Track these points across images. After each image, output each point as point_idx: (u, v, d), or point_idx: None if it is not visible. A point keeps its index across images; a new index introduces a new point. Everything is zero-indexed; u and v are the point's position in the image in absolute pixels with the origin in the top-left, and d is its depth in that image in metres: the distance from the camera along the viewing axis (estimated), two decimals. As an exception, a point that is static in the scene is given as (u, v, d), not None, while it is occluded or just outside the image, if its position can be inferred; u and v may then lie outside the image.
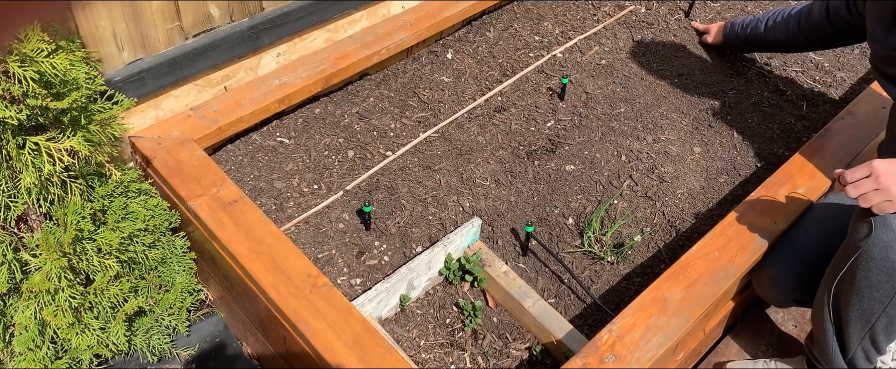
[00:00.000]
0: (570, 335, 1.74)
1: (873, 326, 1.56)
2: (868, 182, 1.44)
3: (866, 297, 1.53)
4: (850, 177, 1.47)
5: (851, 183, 1.47)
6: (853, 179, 1.47)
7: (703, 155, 2.23)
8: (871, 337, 1.59)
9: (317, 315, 1.53)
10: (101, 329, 1.54)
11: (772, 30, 2.35)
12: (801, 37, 2.27)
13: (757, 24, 2.39)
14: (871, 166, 1.44)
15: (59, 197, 1.45)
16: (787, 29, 2.30)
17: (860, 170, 1.46)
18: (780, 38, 2.34)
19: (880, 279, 1.49)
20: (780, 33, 2.33)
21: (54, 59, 1.34)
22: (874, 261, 1.48)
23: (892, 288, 1.49)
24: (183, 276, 1.73)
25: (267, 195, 2.00)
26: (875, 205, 1.45)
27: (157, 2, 1.79)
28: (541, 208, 2.05)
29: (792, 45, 2.36)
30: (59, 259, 1.42)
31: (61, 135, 1.41)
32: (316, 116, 2.24)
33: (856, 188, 1.46)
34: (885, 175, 1.43)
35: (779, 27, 2.32)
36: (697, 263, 1.71)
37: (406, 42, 2.34)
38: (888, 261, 1.46)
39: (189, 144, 1.88)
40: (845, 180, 1.48)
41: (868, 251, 1.48)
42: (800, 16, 2.25)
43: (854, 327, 1.59)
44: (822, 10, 2.14)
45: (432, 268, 1.86)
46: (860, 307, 1.55)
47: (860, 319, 1.57)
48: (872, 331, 1.57)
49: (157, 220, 1.65)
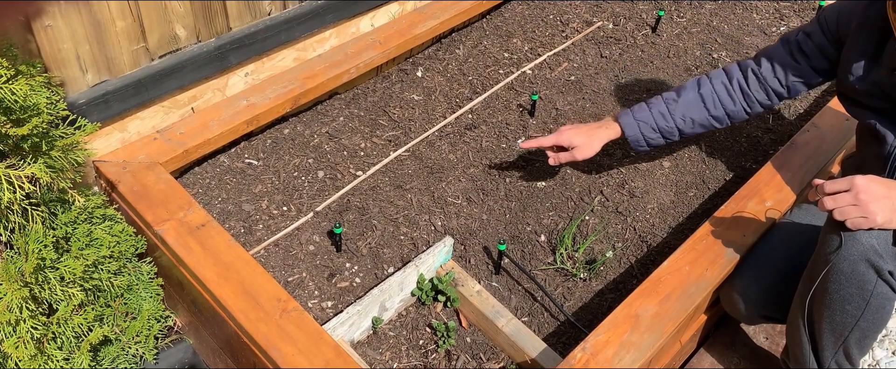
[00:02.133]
0: (544, 353, 1.73)
1: (846, 339, 1.57)
2: (847, 196, 1.45)
3: (838, 311, 1.53)
4: (830, 188, 1.47)
5: (829, 194, 1.47)
6: (832, 191, 1.47)
7: (672, 169, 2.25)
8: (845, 351, 1.60)
9: (287, 340, 1.51)
10: (65, 359, 1.50)
11: (722, 109, 1.94)
12: (754, 108, 1.95)
13: (694, 110, 1.94)
14: (853, 181, 1.45)
15: (20, 225, 1.42)
16: (746, 99, 1.94)
17: (841, 183, 1.47)
18: (735, 114, 1.96)
19: (851, 292, 1.50)
20: (735, 108, 1.95)
21: (14, 84, 1.31)
22: (844, 275, 1.49)
23: (862, 301, 1.50)
24: (150, 303, 1.70)
25: (235, 218, 1.98)
26: (850, 220, 1.45)
27: (121, 22, 1.76)
28: (513, 226, 2.05)
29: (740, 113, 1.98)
30: (21, 289, 1.38)
31: (22, 162, 1.37)
32: (285, 137, 2.22)
33: (834, 200, 1.46)
34: (865, 192, 1.43)
35: (732, 100, 1.94)
36: (669, 278, 1.72)
37: (375, 60, 2.33)
38: (858, 273, 1.47)
39: (155, 168, 1.85)
40: (824, 191, 1.48)
41: (837, 264, 1.49)
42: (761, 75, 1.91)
43: (827, 340, 1.60)
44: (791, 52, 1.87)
45: (404, 288, 1.84)
46: (832, 320, 1.56)
47: (833, 333, 1.58)
48: (845, 345, 1.58)
49: (123, 247, 1.62)
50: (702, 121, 1.96)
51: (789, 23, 2.88)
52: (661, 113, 1.95)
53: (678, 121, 1.95)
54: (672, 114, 1.95)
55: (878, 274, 1.47)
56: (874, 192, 1.44)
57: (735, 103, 1.94)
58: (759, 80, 1.91)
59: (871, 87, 1.68)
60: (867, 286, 1.48)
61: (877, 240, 1.46)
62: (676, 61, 2.67)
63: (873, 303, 1.50)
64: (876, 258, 1.45)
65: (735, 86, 1.93)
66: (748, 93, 1.92)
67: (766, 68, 1.91)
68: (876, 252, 1.45)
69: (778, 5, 2.97)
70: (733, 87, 1.94)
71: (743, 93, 1.93)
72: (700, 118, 1.95)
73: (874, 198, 1.43)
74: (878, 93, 1.67)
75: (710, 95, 1.94)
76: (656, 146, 2.01)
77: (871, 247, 1.45)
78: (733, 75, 1.94)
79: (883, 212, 1.43)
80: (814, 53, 1.84)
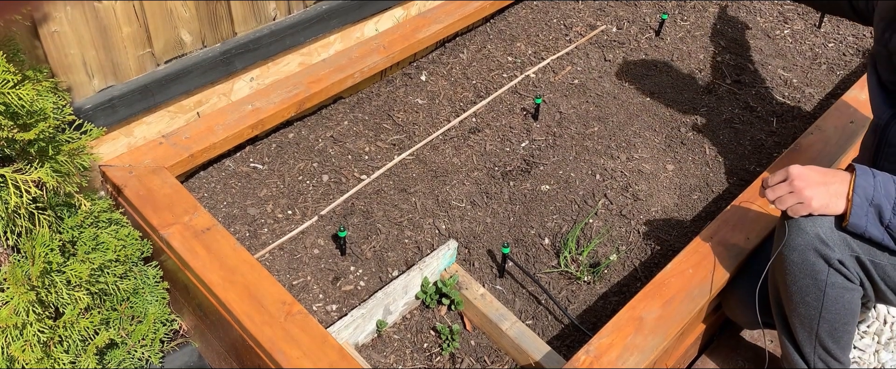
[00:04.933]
0: (548, 356, 1.73)
1: (817, 332, 1.57)
2: (784, 185, 1.47)
3: (800, 304, 1.54)
4: (771, 181, 1.50)
5: (770, 187, 1.50)
6: (772, 183, 1.50)
7: (676, 172, 2.25)
8: (822, 345, 1.60)
9: (292, 343, 1.52)
10: (72, 363, 1.51)
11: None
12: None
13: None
14: (788, 170, 1.48)
15: (27, 229, 1.43)
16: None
17: (778, 174, 1.49)
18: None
19: (806, 283, 1.50)
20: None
21: (21, 89, 1.32)
22: (796, 266, 1.49)
23: (819, 291, 1.50)
24: (156, 307, 1.71)
25: (241, 222, 1.99)
26: (789, 208, 1.47)
27: (127, 28, 1.78)
28: (517, 229, 2.05)
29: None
30: (27, 292, 1.39)
31: (29, 167, 1.39)
32: (290, 141, 2.24)
33: (773, 191, 1.49)
34: (799, 178, 1.46)
35: None
36: (672, 281, 1.72)
37: (380, 65, 2.34)
38: (808, 263, 1.48)
39: (161, 172, 1.86)
40: (766, 184, 1.50)
41: (787, 256, 1.50)
42: None
43: (802, 337, 1.60)
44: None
45: (409, 292, 1.85)
46: (799, 315, 1.56)
47: (804, 328, 1.58)
48: (819, 338, 1.58)
49: (129, 250, 1.63)
50: None
51: (793, 25, 2.88)
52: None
53: None
54: None
55: (827, 263, 1.47)
56: (809, 179, 1.45)
57: None
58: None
59: (883, 49, 1.62)
60: (820, 276, 1.49)
61: (821, 229, 1.46)
62: (680, 65, 2.67)
63: (830, 294, 1.50)
64: (823, 247, 1.46)
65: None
66: None
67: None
68: (822, 241, 1.46)
69: (781, 8, 2.98)
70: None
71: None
72: None
73: (809, 184, 1.45)
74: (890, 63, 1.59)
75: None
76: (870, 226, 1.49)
77: (816, 235, 1.46)
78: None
79: (819, 197, 1.44)
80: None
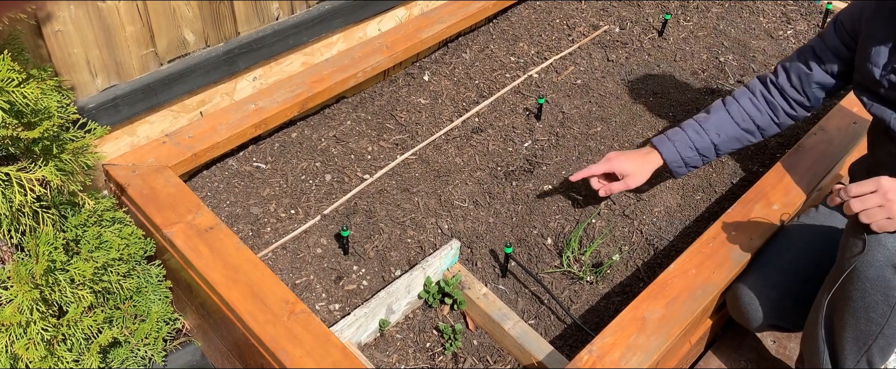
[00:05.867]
0: (551, 356, 1.73)
1: (870, 348, 1.53)
2: (874, 197, 1.41)
3: (863, 318, 1.49)
4: (855, 191, 1.43)
5: (856, 197, 1.43)
6: (858, 193, 1.43)
7: (679, 173, 2.25)
8: (868, 359, 1.56)
9: (295, 342, 1.52)
10: (75, 361, 1.51)
11: (757, 122, 1.94)
12: (782, 119, 1.94)
13: (732, 128, 1.94)
14: (879, 182, 1.41)
15: (31, 227, 1.43)
16: (774, 110, 1.93)
17: (867, 184, 1.42)
18: (749, 139, 1.97)
19: (876, 299, 1.45)
20: (768, 121, 1.94)
21: (25, 88, 1.33)
22: (869, 281, 1.44)
23: (888, 307, 1.45)
24: (159, 305, 1.71)
25: (244, 221, 1.99)
26: (875, 222, 1.41)
27: (131, 27, 1.78)
28: (519, 229, 2.05)
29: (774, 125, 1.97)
30: (31, 291, 1.39)
31: (33, 165, 1.39)
32: (292, 140, 2.24)
33: (861, 202, 1.42)
34: (894, 191, 1.39)
35: (765, 113, 1.93)
36: (675, 281, 1.72)
37: (382, 64, 2.34)
38: (884, 280, 1.42)
39: (164, 171, 1.86)
40: (849, 194, 1.43)
41: (863, 270, 1.44)
42: (782, 87, 1.90)
43: (850, 349, 1.55)
44: (806, 61, 1.86)
45: (411, 291, 1.85)
46: (856, 329, 1.51)
47: (856, 341, 1.53)
48: (869, 353, 1.54)
49: (132, 249, 1.63)
50: (736, 135, 1.94)
51: (796, 26, 2.88)
52: (696, 131, 1.95)
53: (712, 137, 1.93)
54: (706, 131, 1.94)
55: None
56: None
57: (762, 114, 1.93)
58: (779, 90, 1.91)
59: (894, 76, 1.63)
60: (893, 293, 1.43)
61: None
62: (683, 65, 2.67)
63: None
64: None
65: (759, 98, 1.94)
66: (773, 103, 1.92)
67: (782, 78, 1.91)
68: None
69: (784, 8, 2.97)
70: (758, 100, 1.94)
71: (768, 104, 1.93)
72: (733, 132, 1.94)
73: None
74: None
75: (737, 112, 1.94)
76: (695, 166, 2.00)
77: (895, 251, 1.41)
78: (756, 89, 1.95)
79: None
80: (827, 56, 1.83)
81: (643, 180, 1.97)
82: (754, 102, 1.94)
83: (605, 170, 1.97)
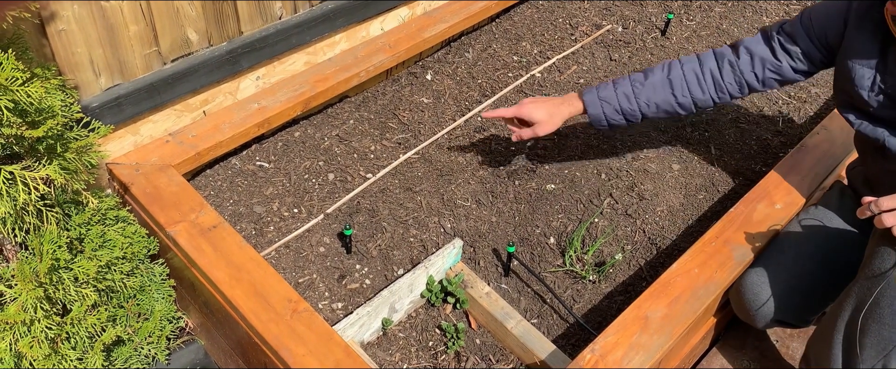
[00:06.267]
0: (553, 355, 1.74)
1: (889, 354, 1.53)
2: None
3: (888, 326, 1.50)
4: (887, 204, 1.43)
5: (888, 211, 1.43)
6: (891, 207, 1.43)
7: (681, 172, 2.25)
8: (885, 365, 1.56)
9: (298, 341, 1.52)
10: (79, 359, 1.51)
11: (689, 96, 1.91)
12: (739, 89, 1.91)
13: (659, 92, 1.90)
14: None
15: (35, 226, 1.43)
16: (719, 89, 1.90)
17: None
18: (702, 103, 1.93)
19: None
20: (704, 98, 1.91)
21: (29, 87, 1.33)
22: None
23: None
24: (162, 304, 1.71)
25: (247, 220, 1.99)
26: None
27: (134, 27, 1.78)
28: (522, 228, 2.05)
29: (711, 102, 1.95)
30: (35, 289, 1.40)
31: (37, 164, 1.39)
32: (296, 139, 2.24)
33: (894, 216, 1.42)
34: None
35: (702, 90, 1.90)
36: (678, 280, 1.72)
37: (385, 64, 2.34)
38: None
39: (167, 170, 1.87)
40: (881, 207, 1.43)
41: (894, 282, 1.45)
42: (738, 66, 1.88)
43: (868, 354, 1.55)
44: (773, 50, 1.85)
45: (414, 290, 1.85)
46: (880, 335, 1.52)
47: (877, 346, 1.53)
48: (887, 359, 1.54)
49: (136, 248, 1.64)
50: (666, 108, 1.92)
51: (799, 25, 2.88)
52: (626, 94, 1.90)
53: (642, 105, 1.91)
54: (637, 98, 1.90)
55: None
56: None
57: (704, 92, 1.90)
58: (735, 71, 1.87)
59: (883, 97, 1.63)
60: None
61: None
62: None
63: None
64: None
65: (706, 74, 1.89)
66: (720, 82, 1.89)
67: (744, 61, 1.86)
68: None
69: (787, 8, 2.97)
70: (704, 75, 1.89)
71: (714, 82, 1.89)
72: (665, 103, 1.91)
73: None
74: (889, 104, 1.63)
75: (679, 81, 1.89)
76: (617, 127, 1.99)
77: None
78: (706, 64, 1.89)
79: None
80: (797, 55, 1.82)
81: (553, 129, 1.93)
82: (699, 78, 1.89)
83: (515, 114, 1.95)
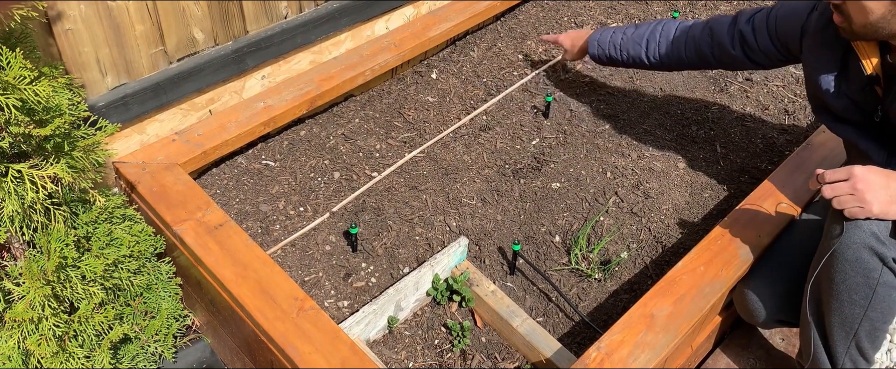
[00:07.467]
0: (559, 353, 1.74)
1: (857, 332, 1.57)
2: (845, 186, 1.48)
3: (846, 301, 1.54)
4: (830, 177, 1.51)
5: (829, 183, 1.50)
6: (831, 180, 1.50)
7: (687, 170, 2.25)
8: (857, 345, 1.59)
9: (304, 338, 1.52)
10: (86, 357, 1.52)
11: (657, 56, 2.15)
12: (701, 62, 2.10)
13: (634, 47, 2.17)
14: (851, 171, 1.48)
15: (43, 224, 1.44)
16: (680, 57, 2.12)
17: (839, 172, 1.50)
18: (667, 64, 2.17)
19: (857, 281, 1.50)
20: (669, 60, 2.15)
21: (37, 86, 1.33)
22: (848, 263, 1.49)
23: (869, 289, 1.50)
24: (169, 302, 1.72)
25: (253, 218, 2.00)
26: (847, 209, 1.48)
27: (140, 26, 1.79)
28: (527, 226, 2.05)
29: (679, 67, 2.19)
30: (43, 287, 1.40)
31: (44, 162, 1.40)
32: (301, 138, 2.25)
33: (832, 189, 1.50)
34: (862, 181, 1.46)
35: (667, 54, 2.13)
36: (684, 279, 1.72)
37: (390, 63, 2.35)
38: (862, 261, 1.48)
39: (174, 169, 1.87)
40: (824, 180, 1.51)
41: (841, 252, 1.50)
42: (698, 43, 2.05)
43: (838, 335, 1.59)
44: (732, 39, 1.97)
45: (420, 288, 1.85)
46: (841, 313, 1.56)
47: (843, 326, 1.57)
48: (857, 338, 1.58)
49: (142, 246, 1.64)
50: (638, 62, 2.20)
51: (805, 23, 2.87)
52: (614, 43, 2.21)
53: (623, 56, 2.20)
54: (620, 49, 2.20)
55: (882, 261, 1.47)
56: (871, 182, 1.46)
57: (678, 54, 2.11)
58: (696, 44, 2.06)
59: (847, 101, 1.69)
60: (873, 274, 1.49)
61: (877, 227, 1.47)
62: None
63: (880, 292, 1.50)
64: (878, 245, 1.46)
65: (680, 39, 2.10)
66: (682, 50, 2.10)
67: (704, 41, 2.03)
68: (877, 238, 1.46)
69: (793, 6, 2.96)
70: (679, 40, 2.11)
71: (684, 46, 2.09)
72: (637, 57, 2.18)
73: (871, 188, 1.46)
74: (853, 108, 1.69)
75: (653, 40, 2.14)
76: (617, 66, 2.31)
77: (872, 233, 1.46)
78: (683, 31, 2.10)
79: (879, 202, 1.45)
80: (756, 50, 1.94)
81: (575, 56, 2.40)
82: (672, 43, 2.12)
83: (554, 40, 2.44)
